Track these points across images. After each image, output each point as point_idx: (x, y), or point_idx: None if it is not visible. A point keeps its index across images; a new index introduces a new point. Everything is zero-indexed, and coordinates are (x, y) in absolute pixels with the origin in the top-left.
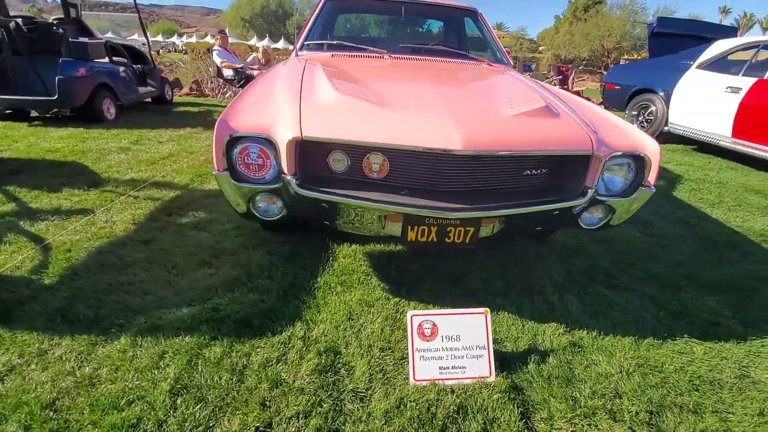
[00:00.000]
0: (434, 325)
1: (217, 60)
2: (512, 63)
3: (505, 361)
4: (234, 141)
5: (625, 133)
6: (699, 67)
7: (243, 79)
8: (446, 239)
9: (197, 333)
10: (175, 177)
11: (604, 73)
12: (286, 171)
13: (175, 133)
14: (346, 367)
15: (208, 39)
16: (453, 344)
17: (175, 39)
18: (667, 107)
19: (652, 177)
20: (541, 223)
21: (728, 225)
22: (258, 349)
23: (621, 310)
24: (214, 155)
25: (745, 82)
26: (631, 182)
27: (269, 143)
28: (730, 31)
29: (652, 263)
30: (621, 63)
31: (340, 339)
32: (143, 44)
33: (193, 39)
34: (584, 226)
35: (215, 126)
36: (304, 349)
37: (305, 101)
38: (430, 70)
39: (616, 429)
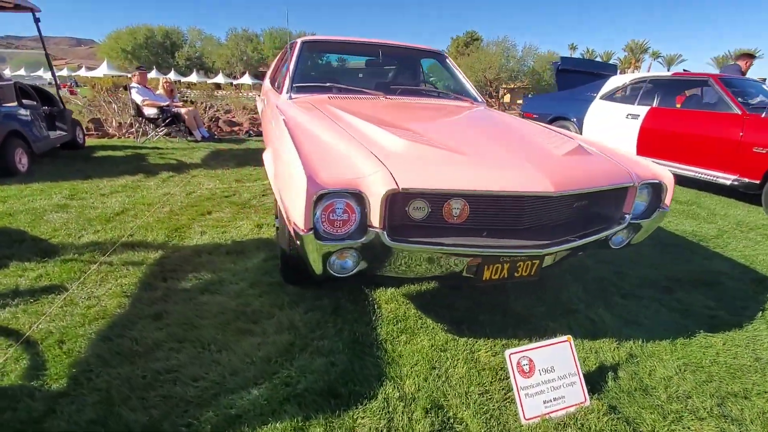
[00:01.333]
0: (530, 360)
1: (137, 98)
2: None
3: (587, 384)
4: (319, 198)
5: (642, 163)
6: (602, 98)
7: (169, 117)
8: (515, 274)
9: (285, 416)
10: (147, 235)
11: (491, 100)
12: (376, 224)
13: (115, 183)
14: (458, 420)
15: (83, 72)
16: (549, 376)
17: (41, 72)
18: (581, 132)
19: (668, 199)
20: (586, 247)
21: (667, 229)
22: (361, 421)
23: (645, 317)
24: (298, 214)
25: (641, 110)
26: (651, 205)
27: (356, 197)
28: (612, 68)
29: (639, 269)
30: (510, 92)
31: (436, 391)
32: (49, 83)
33: (64, 72)
34: (613, 247)
35: (297, 183)
36: (407, 410)
37: (375, 150)
38: (441, 112)
39: (705, 428)
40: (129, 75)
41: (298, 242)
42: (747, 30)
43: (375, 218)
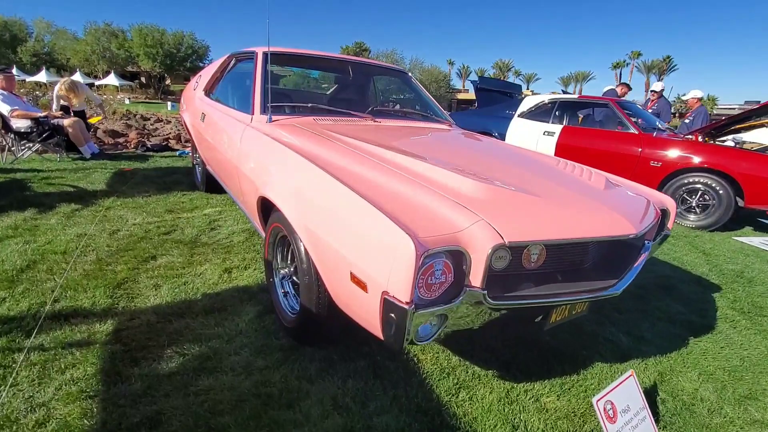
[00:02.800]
0: (612, 403)
1: (3, 109)
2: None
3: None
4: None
5: (649, 192)
6: (519, 116)
7: (48, 131)
8: (573, 312)
9: None
10: (79, 298)
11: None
12: (476, 284)
13: None
14: None
15: None
16: (628, 416)
17: None
18: None
19: (670, 223)
20: None
21: None
22: None
23: (646, 330)
24: (396, 283)
25: (556, 128)
26: (658, 230)
27: (454, 255)
28: (518, 88)
29: None
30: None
31: None
32: None
33: None
34: None
35: (389, 245)
36: None
37: (452, 196)
38: (460, 143)
39: None
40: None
41: (391, 315)
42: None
43: (474, 277)
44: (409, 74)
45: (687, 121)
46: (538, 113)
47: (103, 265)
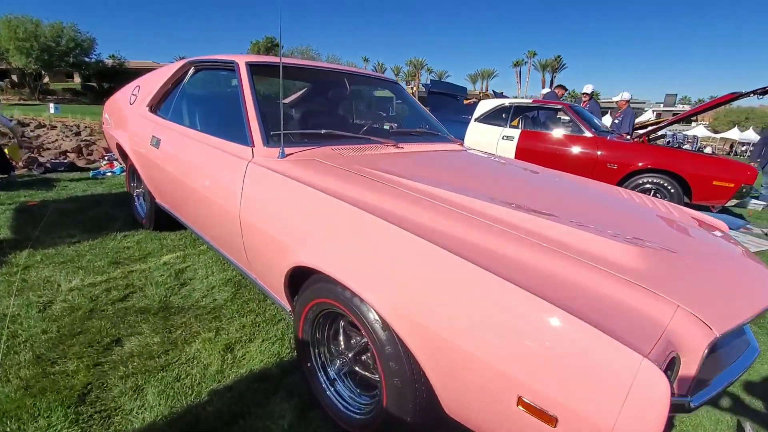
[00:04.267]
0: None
1: None
2: None
3: None
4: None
5: (700, 216)
6: (476, 120)
7: None
8: None
9: None
10: (22, 423)
11: None
12: (683, 391)
13: None
14: None
15: None
16: None
17: None
18: None
19: None
20: None
21: None
22: None
23: None
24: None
25: (515, 132)
26: None
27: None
28: (463, 90)
29: None
30: None
31: None
32: None
33: None
34: None
35: (625, 371)
36: None
37: (597, 262)
38: (507, 172)
39: None
40: None
41: None
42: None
43: (680, 383)
44: (401, 86)
45: (616, 121)
46: (494, 118)
47: (47, 366)
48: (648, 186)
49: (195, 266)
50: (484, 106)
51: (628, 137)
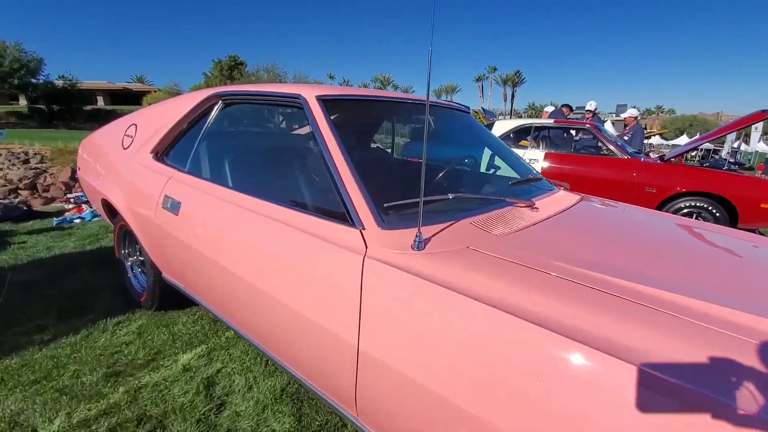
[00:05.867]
0: None
1: None
2: None
3: None
4: None
5: None
6: None
7: None
8: None
9: None
10: None
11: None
12: None
13: None
14: None
15: None
16: None
17: None
18: None
19: None
20: None
21: None
22: None
23: None
24: None
25: (538, 155)
26: None
27: None
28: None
29: None
30: None
31: None
32: None
33: None
34: None
35: None
36: None
37: None
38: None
39: None
40: None
41: None
42: (452, 69)
43: None
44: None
45: (626, 138)
46: (513, 139)
47: None
48: (688, 210)
49: (228, 369)
50: (502, 127)
51: (654, 158)
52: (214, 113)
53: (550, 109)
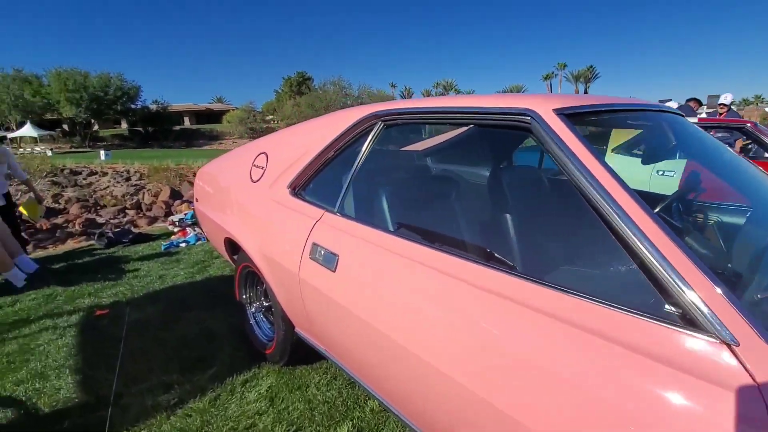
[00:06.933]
0: None
1: None
2: None
3: None
4: None
5: None
6: (614, 152)
7: None
8: None
9: None
10: None
11: None
12: None
13: None
14: None
15: None
16: None
17: None
18: None
19: None
20: None
21: None
22: None
23: None
24: None
25: (677, 165)
26: None
27: None
28: None
29: None
30: None
31: None
32: None
33: None
34: None
35: None
36: None
37: None
38: None
39: None
40: None
41: None
42: (517, 70)
43: None
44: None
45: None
46: (636, 146)
47: None
48: None
49: None
50: (623, 134)
51: None
52: (371, 137)
53: (672, 104)
